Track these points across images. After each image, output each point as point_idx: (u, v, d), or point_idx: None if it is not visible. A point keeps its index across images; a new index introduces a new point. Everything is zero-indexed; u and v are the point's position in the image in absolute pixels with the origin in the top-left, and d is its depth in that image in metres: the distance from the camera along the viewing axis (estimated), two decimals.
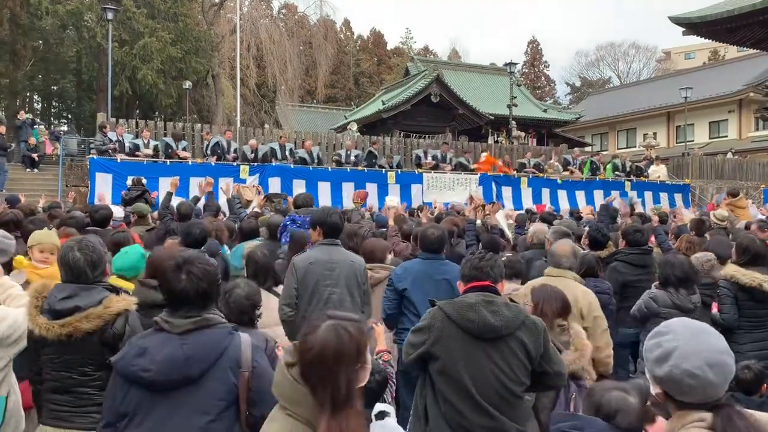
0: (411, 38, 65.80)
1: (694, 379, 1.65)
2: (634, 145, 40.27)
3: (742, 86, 35.97)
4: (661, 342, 1.74)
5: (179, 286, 2.29)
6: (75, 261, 2.83)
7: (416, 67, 35.49)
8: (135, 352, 2.25)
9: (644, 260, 5.44)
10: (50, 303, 2.80)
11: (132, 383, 2.22)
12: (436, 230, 4.73)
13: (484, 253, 3.07)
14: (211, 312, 2.37)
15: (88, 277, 2.85)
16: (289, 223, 5.99)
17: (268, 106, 36.72)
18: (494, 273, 2.96)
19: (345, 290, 4.13)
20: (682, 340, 1.69)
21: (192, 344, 2.24)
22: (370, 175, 15.52)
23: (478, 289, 2.90)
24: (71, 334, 2.72)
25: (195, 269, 2.31)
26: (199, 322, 2.29)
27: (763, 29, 18.14)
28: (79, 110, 38.66)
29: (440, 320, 2.83)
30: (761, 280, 4.44)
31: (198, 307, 2.31)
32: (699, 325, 1.78)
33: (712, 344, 1.69)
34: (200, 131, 17.23)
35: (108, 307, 2.79)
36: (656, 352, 1.74)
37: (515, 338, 2.75)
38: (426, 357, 2.84)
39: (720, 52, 55.02)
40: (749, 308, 4.53)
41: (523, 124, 31.66)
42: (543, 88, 62.97)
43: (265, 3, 37.95)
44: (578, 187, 17.66)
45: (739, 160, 26.88)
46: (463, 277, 3.02)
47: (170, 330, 2.28)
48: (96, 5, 25.50)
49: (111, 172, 12.97)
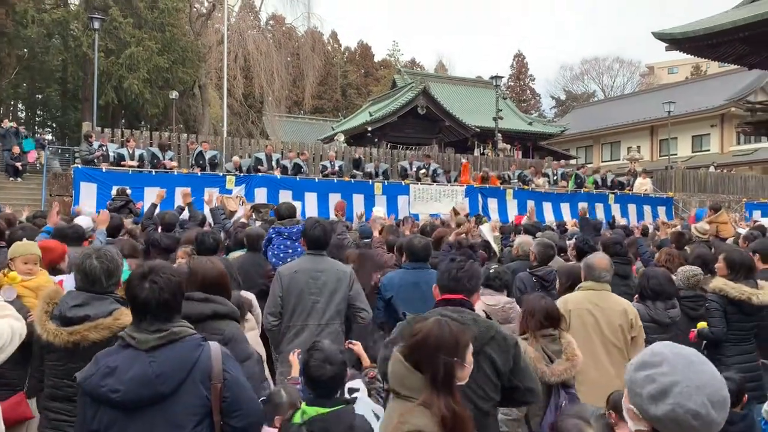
0: (398, 51, 66.27)
1: (698, 419, 1.46)
2: (619, 158, 40.68)
3: (724, 101, 36.53)
4: (655, 376, 1.52)
5: (141, 294, 2.23)
6: (92, 269, 2.87)
7: (403, 79, 35.70)
8: (102, 371, 2.18)
9: (624, 270, 5.47)
10: (61, 310, 2.82)
11: (101, 403, 2.17)
12: (422, 240, 4.89)
13: (464, 262, 3.00)
14: (178, 324, 2.30)
15: (103, 285, 2.90)
16: (274, 235, 5.94)
17: (255, 116, 36.66)
18: (470, 285, 2.91)
19: (330, 299, 4.13)
20: (681, 374, 1.49)
21: (161, 361, 2.18)
22: (356, 186, 15.56)
23: (449, 302, 2.86)
24: (78, 343, 2.74)
25: (158, 279, 2.25)
26: (166, 337, 2.22)
27: (744, 45, 18.47)
28: (64, 119, 38.35)
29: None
30: (750, 293, 4.45)
31: (161, 318, 2.24)
32: (689, 352, 1.58)
33: (712, 377, 1.51)
34: (186, 141, 17.19)
35: (117, 319, 2.80)
36: (650, 387, 1.51)
37: (483, 354, 2.69)
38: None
39: (702, 67, 55.90)
40: (737, 321, 4.54)
41: (509, 137, 31.90)
42: (528, 101, 63.48)
43: (252, 14, 37.97)
44: (563, 200, 17.82)
45: (721, 173, 27.23)
46: (441, 286, 2.98)
47: (137, 346, 2.20)
48: (83, 14, 25.43)
49: (96, 182, 12.90)
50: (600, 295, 4.05)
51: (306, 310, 4.06)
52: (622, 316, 4.01)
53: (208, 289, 3.17)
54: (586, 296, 4.08)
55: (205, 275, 3.20)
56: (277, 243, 5.86)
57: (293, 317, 4.03)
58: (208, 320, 3.08)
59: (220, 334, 3.07)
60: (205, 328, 3.07)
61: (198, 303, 3.12)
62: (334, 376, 2.58)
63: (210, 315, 3.09)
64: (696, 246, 7.59)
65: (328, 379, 2.57)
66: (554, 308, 3.63)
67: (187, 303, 3.11)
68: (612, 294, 4.15)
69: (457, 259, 3.03)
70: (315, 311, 4.07)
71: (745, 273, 4.60)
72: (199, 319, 3.07)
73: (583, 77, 68.58)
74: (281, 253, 5.75)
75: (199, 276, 3.21)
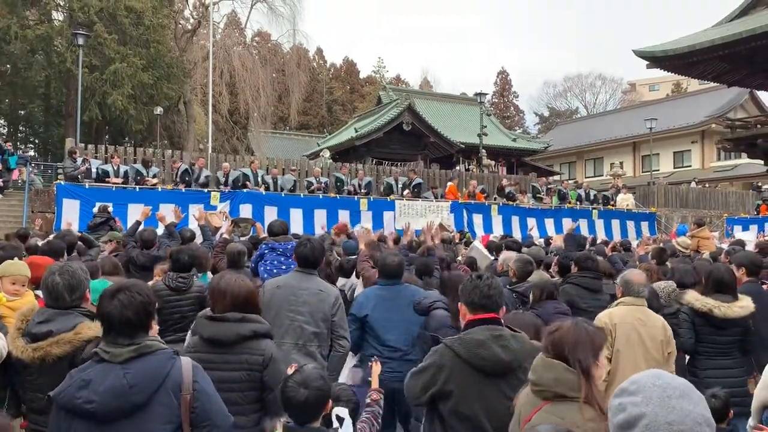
0: (383, 67, 66.55)
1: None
2: (602, 174, 41.12)
3: (705, 118, 37.15)
4: (626, 405, 1.44)
5: (106, 311, 2.29)
6: (54, 285, 2.95)
7: (388, 95, 35.91)
8: (77, 384, 2.21)
9: (594, 284, 5.51)
10: (29, 327, 2.92)
11: (75, 416, 2.19)
12: (396, 257, 4.89)
13: (490, 278, 2.91)
14: (149, 338, 2.35)
15: (66, 301, 2.96)
16: (267, 251, 5.92)
17: (241, 132, 36.63)
18: (500, 301, 2.88)
19: (309, 318, 4.02)
20: (652, 405, 1.40)
21: (134, 372, 2.23)
22: (342, 202, 15.55)
23: (484, 321, 2.80)
24: (44, 358, 2.81)
25: (123, 297, 2.30)
26: (139, 350, 2.28)
27: (722, 63, 18.85)
28: (47, 135, 38.06)
29: (450, 359, 2.75)
30: (712, 305, 4.49)
31: (124, 334, 2.28)
32: (675, 384, 1.46)
33: (686, 415, 1.39)
34: (171, 157, 17.11)
35: (78, 333, 2.85)
36: (620, 416, 1.45)
37: (523, 370, 2.69)
38: (437, 396, 2.77)
39: (683, 84, 56.80)
40: (707, 334, 4.57)
41: (494, 153, 32.13)
42: (512, 118, 64.04)
43: (238, 31, 38.09)
44: (547, 215, 17.95)
45: (702, 189, 27.61)
46: (470, 305, 2.85)
47: (111, 360, 2.26)
48: (66, 30, 25.31)
49: (79, 199, 12.77)
50: (642, 311, 4.12)
51: (283, 328, 3.96)
52: (663, 332, 4.10)
53: (238, 308, 3.12)
54: (630, 311, 4.13)
55: (234, 294, 3.16)
56: (270, 259, 5.85)
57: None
58: (247, 341, 3.05)
59: (260, 354, 3.05)
60: (244, 349, 3.05)
61: (234, 324, 3.08)
62: (307, 400, 2.49)
63: (249, 335, 3.06)
64: (678, 261, 7.68)
65: (301, 403, 2.49)
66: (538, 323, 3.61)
67: (222, 324, 3.08)
68: (649, 309, 4.22)
69: (483, 276, 2.93)
70: (292, 330, 3.98)
71: (717, 287, 4.61)
72: (237, 340, 3.04)
73: (566, 94, 69.46)
74: (274, 269, 5.73)
75: (228, 295, 3.16)
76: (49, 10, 26.79)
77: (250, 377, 3.03)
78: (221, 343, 3.04)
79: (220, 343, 3.04)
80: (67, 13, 26.58)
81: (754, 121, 21.11)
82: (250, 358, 3.04)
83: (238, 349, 3.04)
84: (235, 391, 3.01)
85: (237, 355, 3.04)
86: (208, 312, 3.26)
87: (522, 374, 2.68)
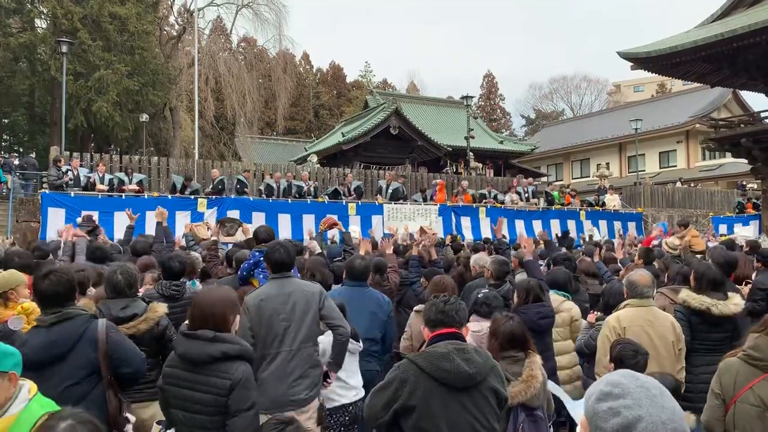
0: (370, 71, 66.67)
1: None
2: (588, 175, 41.32)
3: (689, 118, 37.47)
4: (618, 408, 1.43)
5: (41, 287, 3.18)
6: (117, 282, 3.84)
7: (375, 99, 35.93)
8: (19, 343, 2.82)
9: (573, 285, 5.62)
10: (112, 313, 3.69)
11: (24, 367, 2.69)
12: (363, 261, 5.22)
13: (448, 297, 2.99)
14: (73, 307, 3.24)
15: (126, 294, 3.86)
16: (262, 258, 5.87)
17: (227, 138, 36.51)
18: (459, 317, 2.90)
19: (300, 322, 4.00)
20: (645, 408, 1.41)
21: (56, 332, 3.12)
22: (330, 206, 15.51)
23: (445, 337, 2.82)
24: (134, 334, 3.67)
25: (53, 276, 3.19)
26: (61, 316, 3.16)
27: (704, 64, 18.99)
28: (32, 143, 37.73)
29: (413, 373, 2.72)
30: (709, 303, 4.56)
31: (57, 304, 3.17)
32: (652, 382, 1.51)
33: (673, 412, 1.43)
34: (157, 164, 17.01)
35: (155, 312, 3.87)
36: (614, 421, 1.42)
37: (486, 384, 2.74)
38: (399, 412, 2.72)
39: (667, 85, 57.37)
40: (702, 331, 4.64)
41: (481, 156, 32.23)
42: (499, 121, 64.33)
43: (223, 36, 38.02)
44: (535, 217, 17.98)
45: (688, 188, 27.84)
46: (428, 322, 2.92)
47: (41, 324, 3.16)
48: (50, 38, 25.14)
49: (64, 207, 12.64)
50: (650, 312, 4.17)
51: (278, 337, 3.93)
52: (672, 332, 4.17)
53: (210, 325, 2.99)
54: (638, 313, 4.18)
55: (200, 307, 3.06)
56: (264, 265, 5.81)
57: (265, 346, 3.89)
58: (217, 362, 2.91)
59: (228, 378, 2.90)
60: (212, 371, 2.91)
61: (205, 343, 2.94)
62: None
63: (218, 357, 2.92)
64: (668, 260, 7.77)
65: None
66: (519, 330, 3.59)
67: (194, 342, 2.96)
68: (659, 310, 4.27)
69: (440, 296, 3.03)
70: (287, 336, 3.96)
71: (711, 285, 4.69)
72: (207, 361, 2.91)
73: (552, 96, 69.94)
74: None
75: (196, 310, 3.07)
76: (32, 18, 26.58)
77: (217, 402, 2.89)
78: (192, 362, 2.94)
79: (191, 361, 2.94)
80: (51, 21, 26.34)
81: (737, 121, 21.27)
82: (218, 382, 2.90)
83: (207, 370, 2.91)
84: (204, 414, 2.91)
85: (206, 376, 2.92)
86: (185, 326, 3.23)
87: (485, 390, 2.73)
